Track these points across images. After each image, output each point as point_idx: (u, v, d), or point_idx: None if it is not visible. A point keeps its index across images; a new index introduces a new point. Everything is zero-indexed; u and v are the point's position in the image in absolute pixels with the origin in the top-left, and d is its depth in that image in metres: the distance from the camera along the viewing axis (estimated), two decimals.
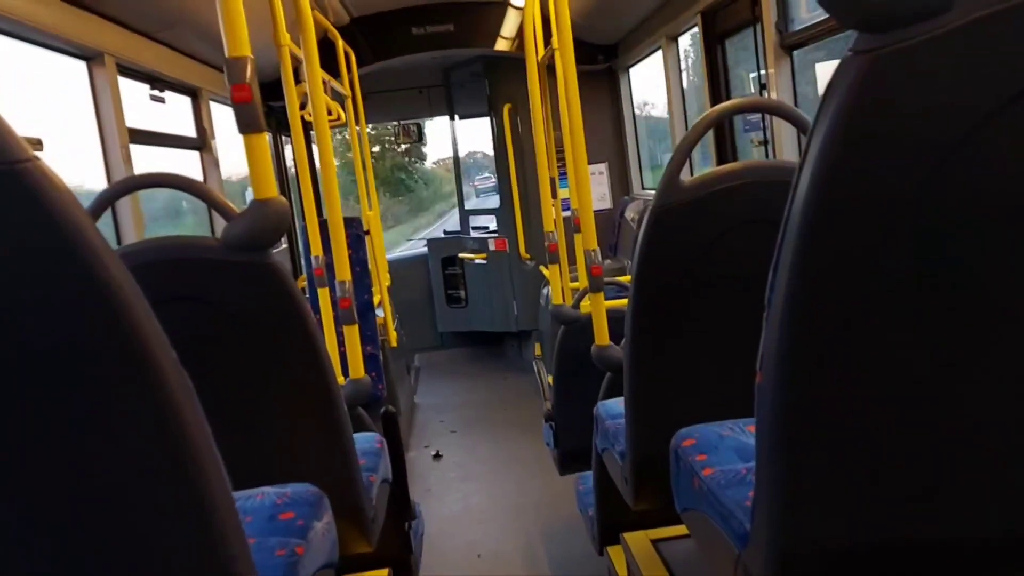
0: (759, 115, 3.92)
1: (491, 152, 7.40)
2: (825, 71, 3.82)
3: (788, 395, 1.08)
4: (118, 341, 0.82)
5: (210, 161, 4.79)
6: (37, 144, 2.74)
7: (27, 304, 0.79)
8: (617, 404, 2.40)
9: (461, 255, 7.50)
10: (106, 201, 2.02)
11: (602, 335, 2.69)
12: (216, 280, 1.77)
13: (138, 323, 0.83)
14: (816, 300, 1.01)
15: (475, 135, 7.92)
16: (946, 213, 0.95)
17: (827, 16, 3.28)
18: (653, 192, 6.64)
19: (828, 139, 0.93)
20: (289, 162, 6.59)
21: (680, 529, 2.56)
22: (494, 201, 7.53)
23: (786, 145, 3.66)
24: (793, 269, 1.00)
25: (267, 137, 1.92)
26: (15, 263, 0.78)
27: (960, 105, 0.90)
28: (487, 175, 9.31)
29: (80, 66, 3.43)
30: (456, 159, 7.99)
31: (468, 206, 7.93)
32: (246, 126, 1.85)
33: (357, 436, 2.10)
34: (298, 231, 6.07)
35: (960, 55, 0.88)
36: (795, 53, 3.63)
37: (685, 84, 5.24)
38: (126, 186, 2.15)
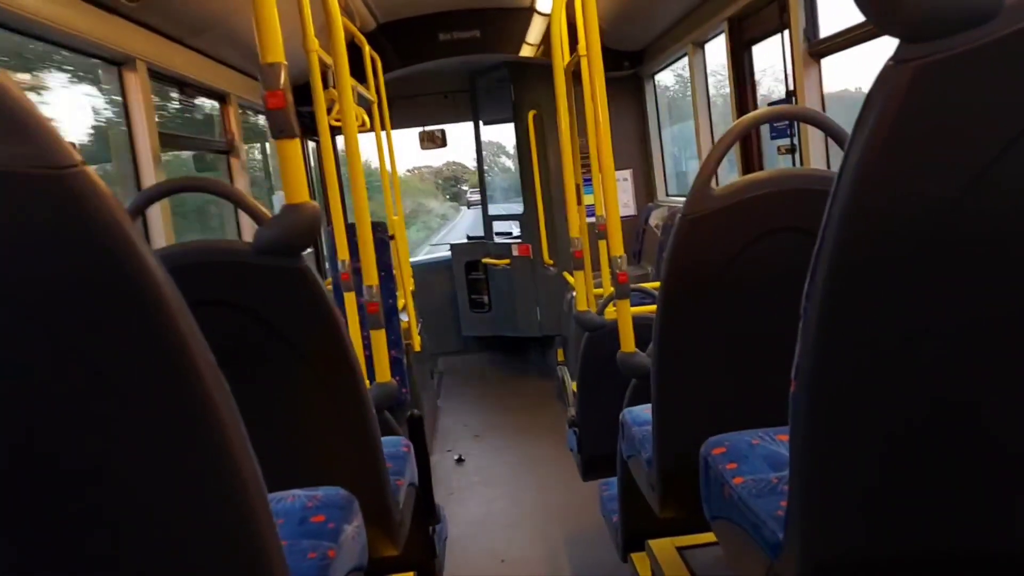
0: (786, 123, 3.91)
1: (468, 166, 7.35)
2: None
3: (822, 405, 1.07)
4: (159, 344, 0.83)
5: (237, 165, 4.83)
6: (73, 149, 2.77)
7: (71, 307, 0.80)
8: (643, 411, 2.39)
9: (484, 260, 7.51)
10: (143, 204, 2.05)
11: (628, 342, 2.68)
12: (247, 284, 1.78)
13: (179, 327, 0.84)
14: (853, 310, 1.01)
15: (461, 145, 7.78)
16: (986, 225, 0.94)
17: (854, 24, 3.27)
18: (677, 199, 6.61)
19: (868, 149, 0.93)
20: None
21: (706, 537, 2.55)
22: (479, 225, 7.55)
23: (814, 153, 3.64)
24: (830, 278, 1.00)
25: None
26: (61, 266, 0.79)
27: (1002, 117, 0.90)
28: (477, 190, 9.18)
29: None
30: (480, 164, 8.01)
31: (461, 226, 7.92)
32: (280, 131, 1.86)
33: (384, 440, 2.11)
34: (323, 235, 6.10)
35: (1004, 66, 0.88)
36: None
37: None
38: (162, 190, 2.17)
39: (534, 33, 6.30)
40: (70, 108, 3.47)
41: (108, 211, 0.79)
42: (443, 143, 7.78)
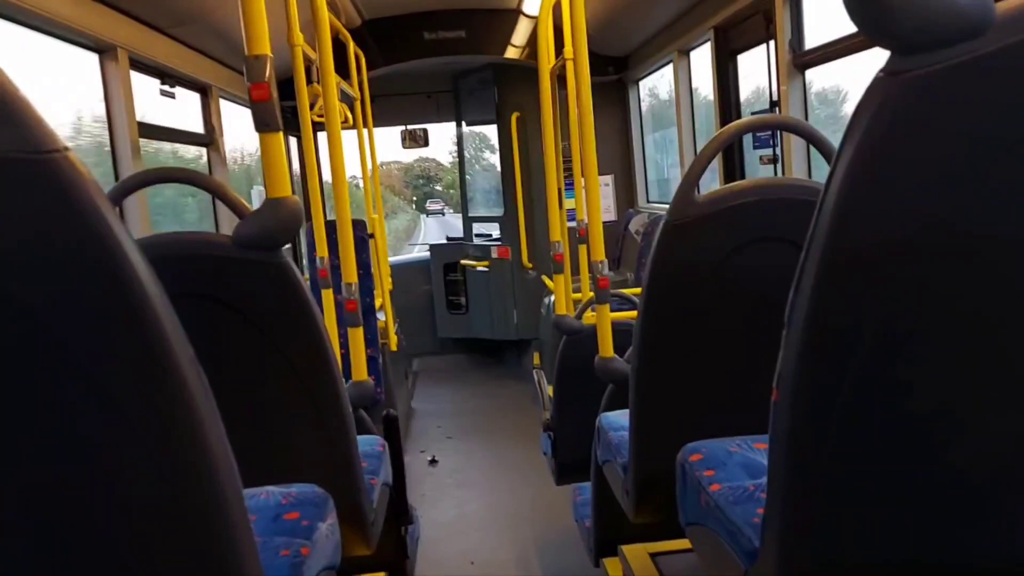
0: (769, 132, 3.93)
1: (443, 162, 7.32)
2: None
3: (804, 414, 1.07)
4: (138, 334, 0.82)
5: (217, 158, 4.79)
6: None
7: (50, 293, 0.78)
8: (620, 416, 2.39)
9: (463, 261, 7.50)
10: (122, 194, 2.02)
11: (606, 347, 2.68)
12: (227, 277, 1.77)
13: (158, 318, 0.83)
14: (837, 321, 1.01)
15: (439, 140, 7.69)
16: (974, 239, 0.94)
17: (840, 36, 3.29)
18: (658, 205, 6.60)
19: (856, 159, 0.93)
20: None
21: (679, 543, 2.55)
22: (450, 229, 7.50)
23: (796, 163, 3.66)
24: (815, 289, 1.00)
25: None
26: (41, 252, 0.78)
27: (990, 130, 0.90)
28: (436, 200, 9.01)
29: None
30: (461, 165, 8.00)
31: (419, 237, 7.90)
32: (264, 125, 1.85)
33: (360, 438, 2.10)
34: (302, 231, 6.06)
35: (992, 81, 0.88)
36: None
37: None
38: (141, 180, 2.14)
39: (520, 35, 6.30)
40: None
41: (90, 198, 0.78)
42: (425, 143, 7.77)
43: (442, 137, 7.78)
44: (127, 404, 0.83)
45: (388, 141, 7.51)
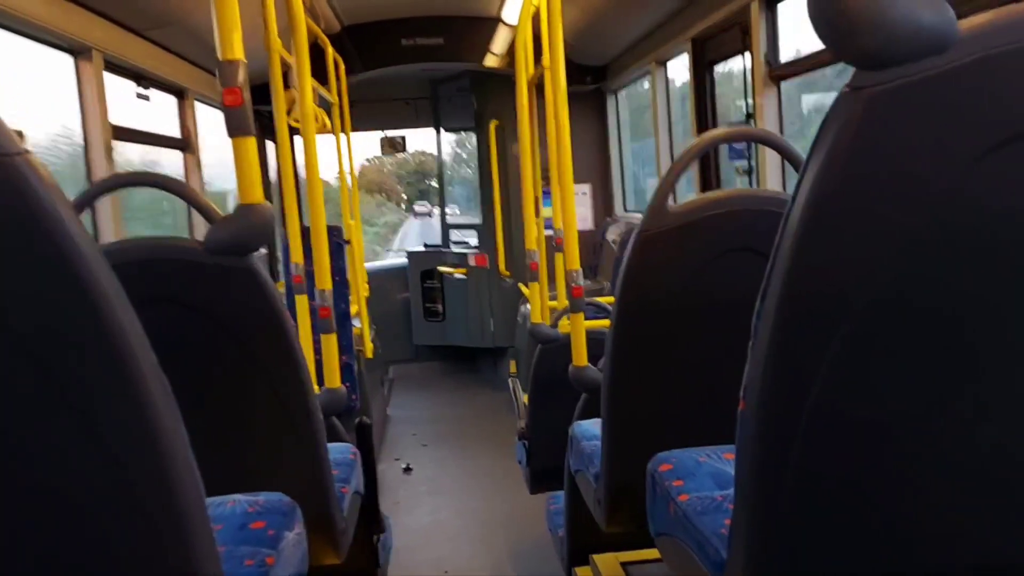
0: (744, 144, 3.95)
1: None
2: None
3: (770, 425, 1.07)
4: (99, 340, 0.81)
5: (192, 162, 4.76)
6: (18, 136, 2.70)
7: (9, 297, 0.78)
8: (592, 425, 2.39)
9: (440, 268, 7.49)
10: (90, 197, 2.00)
11: (580, 356, 2.68)
12: (197, 283, 1.76)
13: (119, 323, 0.82)
14: (803, 331, 1.02)
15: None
16: (937, 251, 0.95)
17: (815, 50, 3.32)
18: (635, 214, 6.63)
19: (822, 173, 0.93)
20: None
21: (650, 553, 2.55)
22: (432, 235, 7.53)
23: (771, 175, 3.68)
24: (781, 300, 1.00)
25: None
26: (0, 255, 0.77)
27: (954, 145, 0.91)
28: (424, 202, 9.12)
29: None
30: (440, 173, 8.00)
31: (403, 240, 7.93)
32: (236, 129, 1.84)
33: (331, 446, 2.08)
34: (278, 237, 6.03)
35: (955, 96, 0.89)
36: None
37: None
38: (111, 184, 2.12)
39: (499, 43, 6.31)
40: None
41: (49, 200, 0.77)
42: (403, 149, 7.78)
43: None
44: (85, 408, 0.82)
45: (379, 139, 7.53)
